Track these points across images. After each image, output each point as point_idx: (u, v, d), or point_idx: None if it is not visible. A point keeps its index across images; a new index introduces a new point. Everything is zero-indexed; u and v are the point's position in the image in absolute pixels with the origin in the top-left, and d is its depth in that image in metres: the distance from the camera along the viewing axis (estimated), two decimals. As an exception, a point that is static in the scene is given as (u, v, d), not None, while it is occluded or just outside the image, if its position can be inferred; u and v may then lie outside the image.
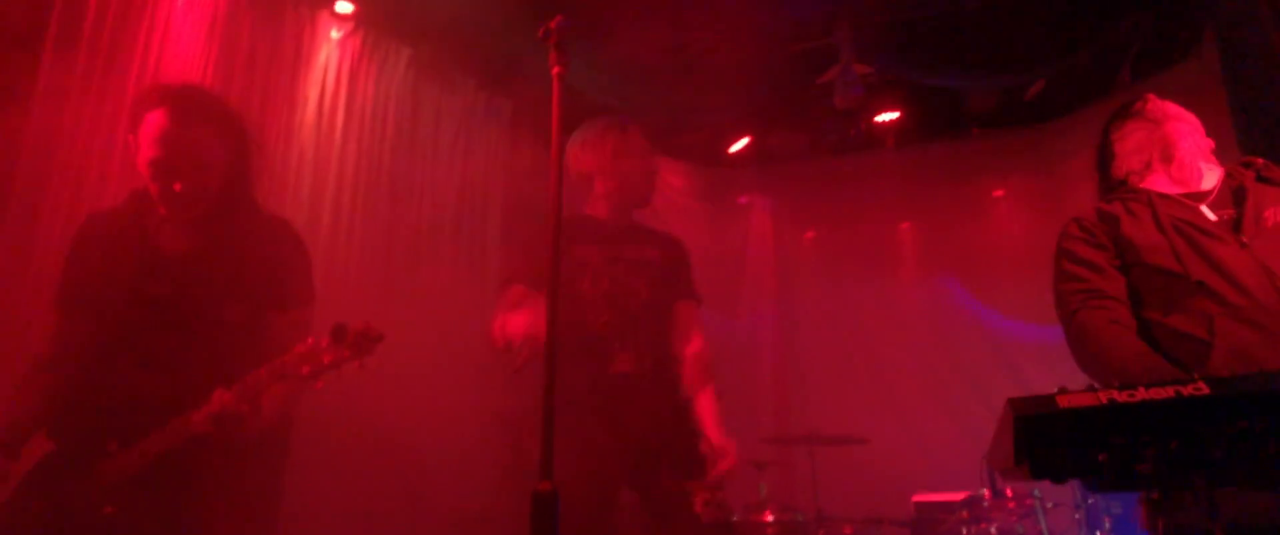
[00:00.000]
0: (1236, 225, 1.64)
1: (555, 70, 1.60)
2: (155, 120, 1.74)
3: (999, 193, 5.80)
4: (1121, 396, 0.91)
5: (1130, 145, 1.87)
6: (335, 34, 3.94)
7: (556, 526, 1.27)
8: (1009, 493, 3.52)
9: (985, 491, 3.54)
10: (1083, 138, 5.33)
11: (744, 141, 5.76)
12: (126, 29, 3.07)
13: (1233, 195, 1.72)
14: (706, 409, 2.14)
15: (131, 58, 3.08)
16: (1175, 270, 1.61)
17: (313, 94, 3.79)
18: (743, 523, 3.55)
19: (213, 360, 1.71)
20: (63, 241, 1.94)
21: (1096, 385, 0.95)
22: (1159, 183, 1.81)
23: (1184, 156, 1.78)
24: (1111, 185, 1.93)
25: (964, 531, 3.58)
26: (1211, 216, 1.68)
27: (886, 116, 5.35)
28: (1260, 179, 1.73)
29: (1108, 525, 3.61)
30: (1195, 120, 1.86)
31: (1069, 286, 1.72)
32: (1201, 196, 1.75)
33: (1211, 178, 1.79)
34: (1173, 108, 1.87)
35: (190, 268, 1.82)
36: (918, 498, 4.08)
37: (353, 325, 1.61)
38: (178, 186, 1.75)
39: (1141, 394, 0.91)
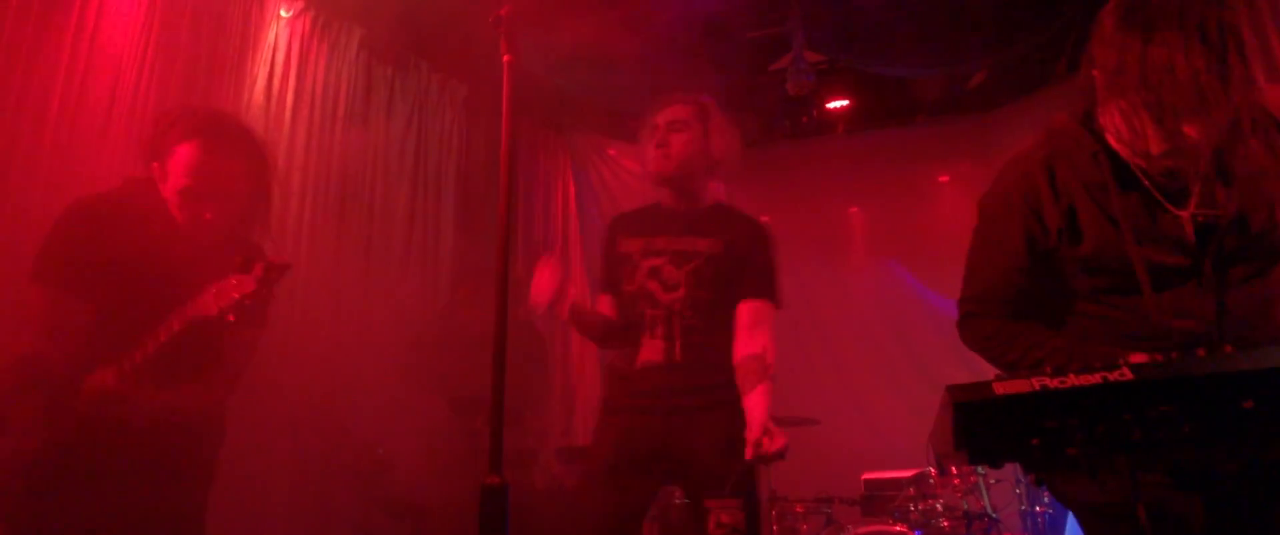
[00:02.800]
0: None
1: (505, 58, 1.59)
2: (187, 152, 1.79)
3: (944, 178, 5.95)
4: (1053, 383, 0.97)
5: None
6: (285, 12, 3.83)
7: (506, 521, 1.26)
8: (954, 470, 3.66)
9: (931, 469, 3.67)
10: (1024, 126, 5.53)
11: (698, 127, 5.80)
12: (57, 5, 2.94)
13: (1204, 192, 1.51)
14: (754, 405, 1.92)
15: (64, 30, 2.94)
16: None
17: (261, 73, 3.69)
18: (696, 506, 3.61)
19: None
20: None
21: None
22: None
23: None
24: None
25: (912, 508, 3.71)
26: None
27: (837, 103, 5.46)
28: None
29: (1046, 499, 3.79)
30: None
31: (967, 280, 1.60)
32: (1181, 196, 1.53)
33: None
34: None
35: (195, 269, 1.80)
36: (867, 476, 4.21)
37: (258, 255, 1.62)
38: (208, 216, 1.81)
39: (1072, 380, 0.97)
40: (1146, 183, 1.34)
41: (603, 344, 2.19)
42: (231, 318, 1.58)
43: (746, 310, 2.05)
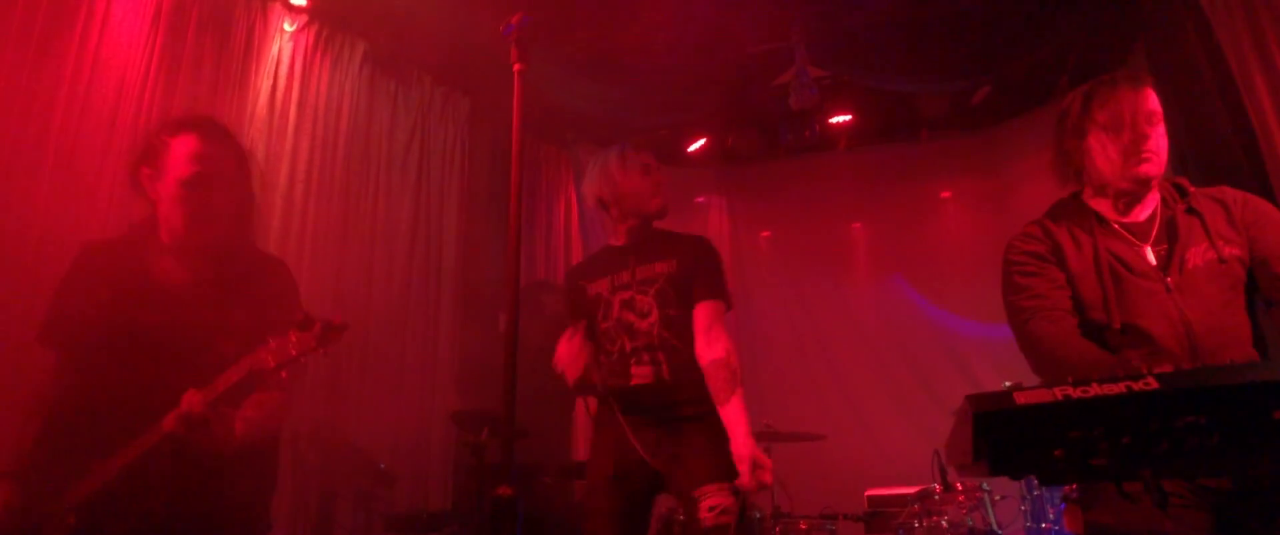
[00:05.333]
0: (1165, 266, 1.68)
1: (516, 66, 1.59)
2: (187, 141, 1.80)
3: (947, 194, 5.96)
4: (1076, 393, 0.95)
5: (1108, 157, 1.75)
6: (288, 26, 3.84)
7: (517, 533, 1.29)
8: (959, 486, 3.62)
9: (936, 485, 3.63)
10: (1026, 142, 5.54)
11: (701, 142, 5.81)
12: (61, 14, 2.95)
13: (1165, 228, 1.73)
14: (733, 418, 2.04)
15: (67, 45, 2.95)
16: (1100, 320, 1.67)
17: (264, 86, 3.69)
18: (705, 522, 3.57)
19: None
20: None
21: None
22: (1106, 206, 1.79)
23: (1153, 184, 1.75)
24: (1066, 189, 1.89)
25: (916, 524, 3.67)
26: (1151, 261, 1.69)
27: (839, 119, 5.46)
28: (1190, 211, 1.74)
29: (1052, 515, 3.74)
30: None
31: (1018, 299, 1.75)
32: (1144, 232, 1.74)
33: (1150, 204, 1.78)
34: (1157, 105, 1.74)
35: (187, 300, 1.82)
36: (871, 492, 4.17)
37: (318, 315, 1.61)
38: (217, 199, 1.80)
39: (1095, 390, 0.95)
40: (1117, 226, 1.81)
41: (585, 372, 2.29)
42: (284, 374, 1.63)
43: (701, 312, 2.21)
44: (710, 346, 2.13)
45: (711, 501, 1.95)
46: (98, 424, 1.71)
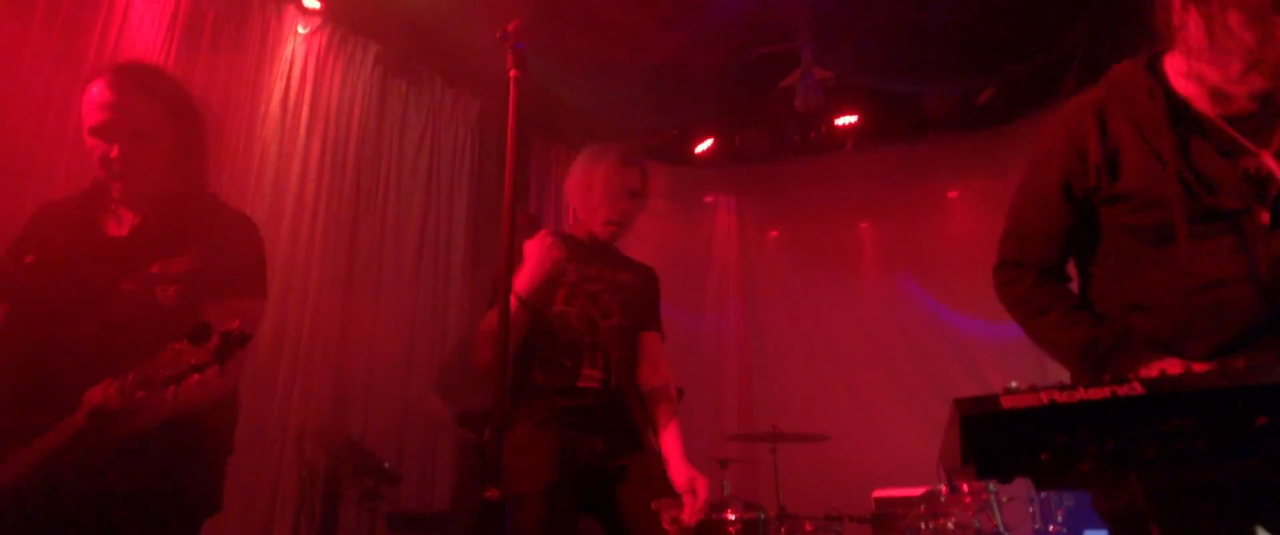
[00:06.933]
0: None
1: (512, 73, 1.60)
2: (96, 87, 1.73)
3: (954, 194, 5.95)
4: (1062, 397, 0.96)
5: (1237, 41, 1.22)
6: (302, 29, 3.89)
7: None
8: (965, 488, 3.62)
9: (942, 487, 3.63)
10: (1033, 141, 5.51)
11: (709, 142, 5.83)
12: (82, 14, 3.01)
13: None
14: (673, 443, 2.08)
15: (87, 45, 3.02)
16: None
17: (277, 88, 3.75)
18: (705, 522, 3.58)
19: (132, 345, 1.57)
20: (9, 226, 1.87)
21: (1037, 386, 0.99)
22: (1200, 95, 1.35)
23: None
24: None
25: (923, 526, 3.67)
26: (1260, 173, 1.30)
27: (846, 119, 5.47)
28: None
29: (1060, 518, 3.74)
30: None
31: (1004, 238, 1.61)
32: (1260, 130, 1.32)
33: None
34: None
35: (128, 250, 1.75)
36: (878, 493, 4.17)
37: (216, 325, 1.45)
38: (114, 152, 1.71)
39: (1081, 394, 0.96)
40: (1220, 124, 1.29)
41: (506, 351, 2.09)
42: (170, 392, 1.45)
43: (653, 340, 2.22)
44: (657, 372, 2.17)
45: (673, 513, 1.88)
46: (37, 386, 1.64)
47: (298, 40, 3.87)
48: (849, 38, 4.43)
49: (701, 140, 5.83)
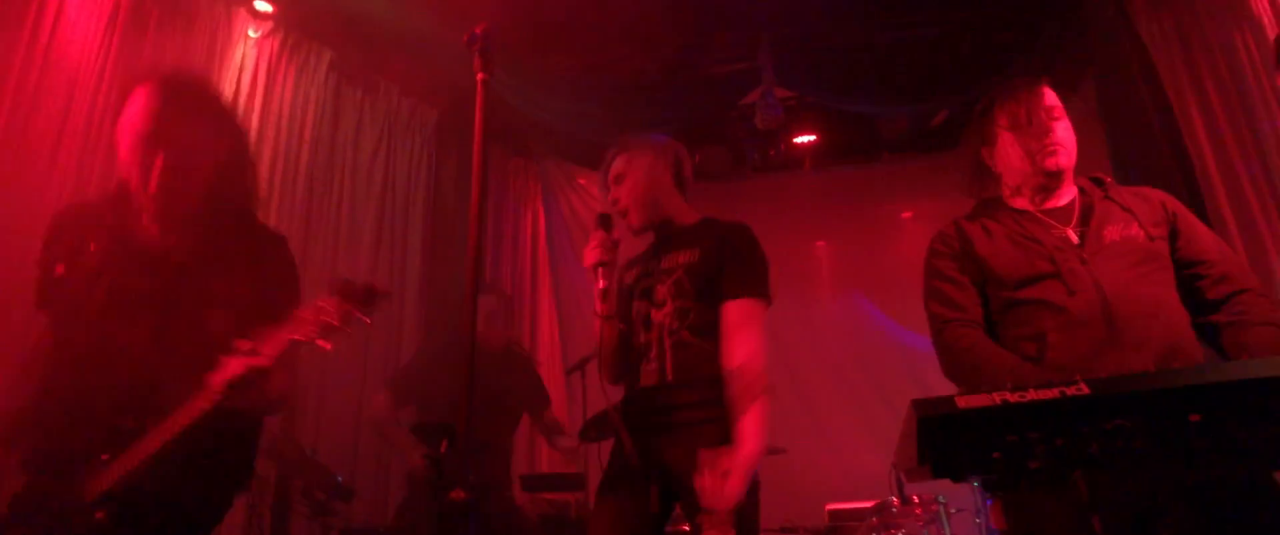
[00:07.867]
0: (1081, 242, 1.74)
1: (479, 76, 1.59)
2: (140, 94, 1.67)
3: (908, 214, 6.08)
4: (1013, 397, 0.99)
5: (1018, 154, 1.84)
6: (253, 33, 3.81)
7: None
8: (916, 499, 3.68)
9: (894, 498, 3.69)
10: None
11: (668, 158, 5.86)
12: (9, 10, 2.84)
13: (1084, 212, 1.80)
14: (742, 433, 1.82)
15: (16, 43, 2.83)
16: (1014, 297, 1.73)
17: (227, 93, 3.65)
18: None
19: (194, 366, 1.55)
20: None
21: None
22: (1024, 203, 1.86)
23: (1066, 176, 1.83)
24: (983, 196, 1.97)
25: (874, 538, 3.71)
26: (1073, 240, 1.75)
27: (804, 138, 5.56)
28: (1107, 197, 1.83)
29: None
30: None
31: (933, 305, 1.85)
32: (1064, 216, 1.81)
33: (1068, 194, 1.85)
34: (1056, 100, 1.84)
35: (175, 266, 1.71)
36: (831, 505, 4.21)
37: (359, 280, 1.52)
38: (160, 161, 1.64)
39: (1032, 394, 0.99)
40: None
41: (611, 368, 2.15)
42: (328, 345, 1.51)
43: (727, 312, 1.99)
44: (730, 352, 1.92)
45: (712, 533, 1.73)
46: (92, 396, 1.60)
47: (248, 45, 3.78)
48: (809, 57, 4.52)
49: (661, 156, 5.86)
